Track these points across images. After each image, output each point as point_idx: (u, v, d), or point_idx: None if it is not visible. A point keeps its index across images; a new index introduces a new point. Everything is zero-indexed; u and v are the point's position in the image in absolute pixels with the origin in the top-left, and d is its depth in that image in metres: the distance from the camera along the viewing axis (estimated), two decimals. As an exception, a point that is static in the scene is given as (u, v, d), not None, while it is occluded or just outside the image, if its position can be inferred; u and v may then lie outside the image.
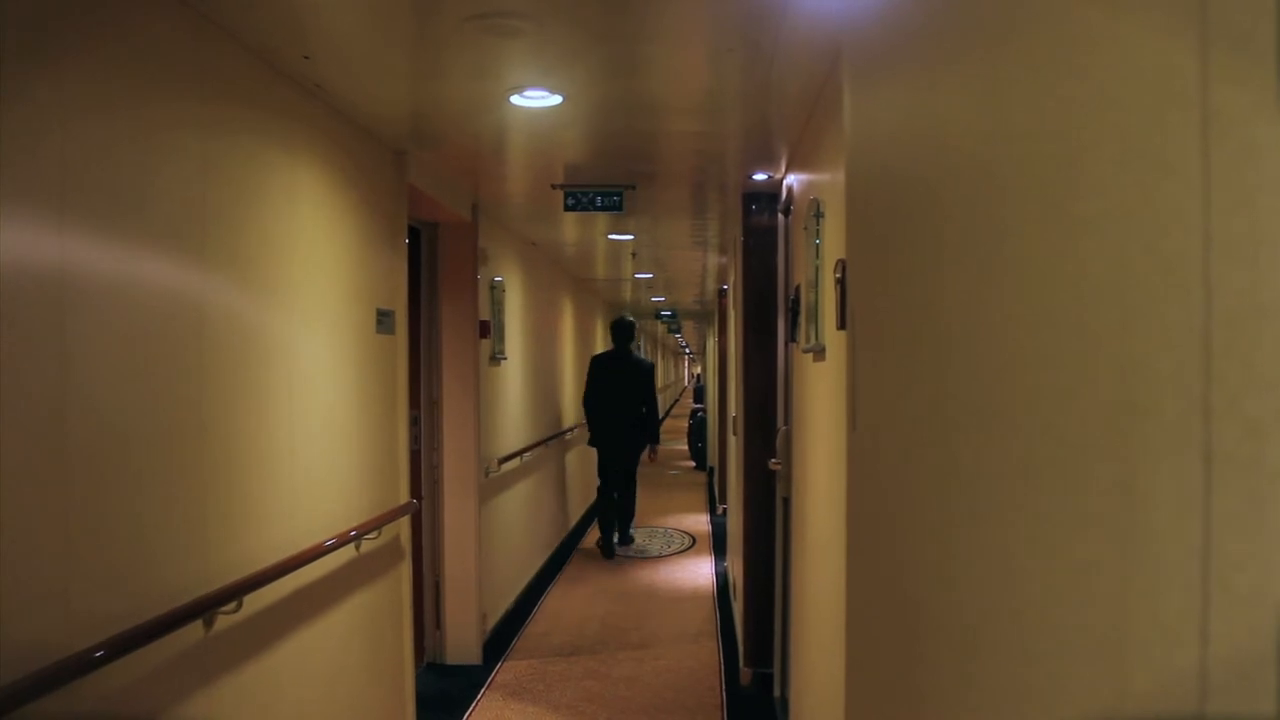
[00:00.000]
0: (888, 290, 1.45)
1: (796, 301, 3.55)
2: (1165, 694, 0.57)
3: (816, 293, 2.98)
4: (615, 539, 8.02)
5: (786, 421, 4.15)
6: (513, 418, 6.25)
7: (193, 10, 2.23)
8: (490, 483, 5.48)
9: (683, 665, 5.19)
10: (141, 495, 2.03)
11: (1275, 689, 0.46)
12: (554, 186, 4.48)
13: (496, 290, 5.57)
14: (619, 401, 7.76)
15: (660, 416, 8.18)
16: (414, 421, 4.71)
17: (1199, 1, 0.53)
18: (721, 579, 7.19)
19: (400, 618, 3.83)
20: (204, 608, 2.20)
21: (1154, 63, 0.59)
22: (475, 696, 4.67)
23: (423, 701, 4.20)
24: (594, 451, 7.99)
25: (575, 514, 9.34)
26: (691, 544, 8.63)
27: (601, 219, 5.75)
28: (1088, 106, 0.69)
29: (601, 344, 11.23)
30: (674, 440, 18.65)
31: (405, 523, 3.88)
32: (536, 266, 7.11)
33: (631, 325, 7.95)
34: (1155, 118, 0.58)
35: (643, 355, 8.81)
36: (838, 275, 2.46)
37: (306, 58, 2.65)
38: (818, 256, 2.96)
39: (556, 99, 3.11)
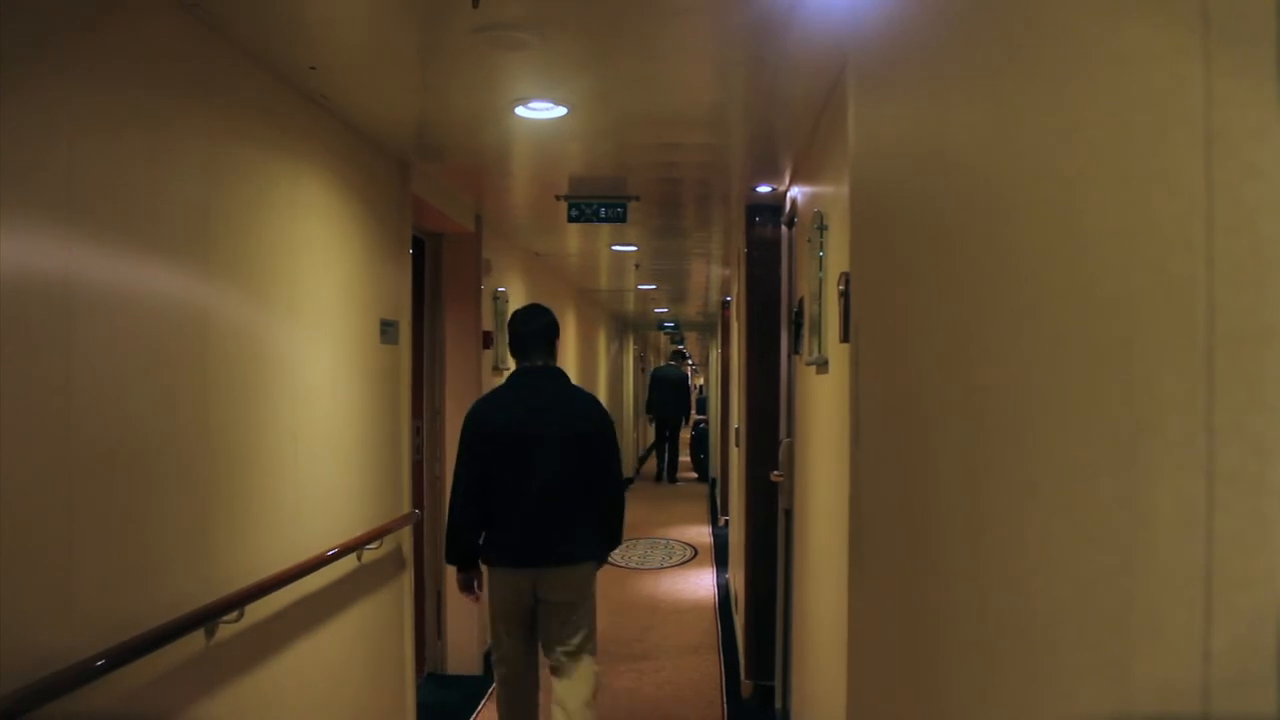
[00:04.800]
0: (891, 304, 1.45)
1: (799, 314, 3.56)
2: (1168, 711, 0.57)
3: (820, 305, 2.98)
4: (664, 476, 13.99)
5: (789, 434, 4.15)
6: (515, 428, 6.25)
7: (198, 20, 2.24)
8: (492, 493, 5.48)
9: (684, 677, 5.17)
10: (145, 504, 2.03)
11: (1277, 707, 0.47)
12: (558, 198, 4.49)
13: (500, 301, 5.58)
14: (669, 396, 13.67)
15: (689, 403, 15.04)
16: (416, 431, 4.71)
17: (1202, 21, 0.53)
18: (723, 591, 7.17)
19: (401, 628, 3.83)
20: (206, 617, 2.20)
21: (1157, 81, 0.59)
22: (476, 707, 4.65)
23: (423, 711, 4.19)
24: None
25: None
26: (693, 555, 8.61)
27: (605, 230, 5.76)
28: (1091, 123, 0.69)
29: (604, 355, 12.10)
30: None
31: (407, 533, 3.87)
32: (540, 277, 7.12)
33: (683, 353, 13.94)
34: (1158, 136, 0.59)
35: (680, 370, 15.04)
36: (841, 288, 2.46)
37: (313, 68, 2.66)
38: (821, 269, 2.96)
39: (561, 111, 3.12)
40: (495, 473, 3.24)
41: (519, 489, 3.22)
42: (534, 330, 3.43)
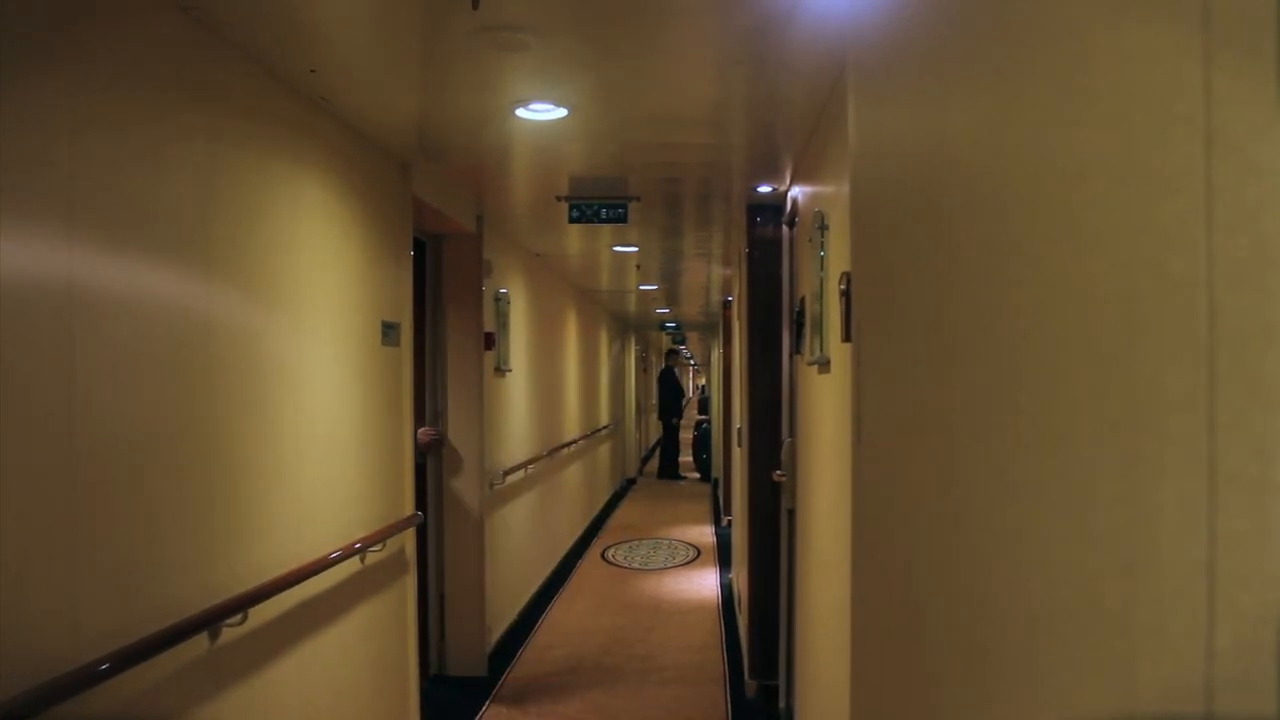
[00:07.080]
0: (893, 303, 1.45)
1: (801, 313, 3.56)
2: (1171, 710, 0.57)
3: (821, 305, 2.98)
4: (663, 472, 14.81)
5: (791, 433, 4.15)
6: (517, 430, 6.26)
7: (197, 22, 2.25)
8: (494, 495, 5.48)
9: (688, 677, 5.17)
10: (148, 508, 2.03)
11: (1279, 706, 0.46)
12: (559, 199, 4.49)
13: (501, 302, 5.58)
14: (669, 394, 14.72)
15: (684, 402, 16.63)
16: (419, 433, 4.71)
17: (1203, 21, 0.53)
18: (726, 591, 7.17)
19: (405, 630, 3.83)
20: (209, 620, 2.20)
21: (1158, 80, 0.59)
22: (480, 708, 4.66)
23: (427, 713, 4.19)
24: (602, 456, 12.16)
25: (580, 525, 9.32)
26: (696, 556, 8.61)
27: (606, 231, 5.75)
28: (1093, 123, 0.69)
29: (605, 355, 12.19)
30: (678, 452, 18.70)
31: (410, 535, 3.87)
32: (541, 278, 7.12)
33: (677, 351, 15.56)
34: (1159, 135, 0.59)
35: (672, 371, 15.97)
36: (842, 287, 2.46)
37: (313, 71, 2.66)
38: (822, 269, 2.96)
39: (561, 112, 3.12)
40: None
41: None
42: None
